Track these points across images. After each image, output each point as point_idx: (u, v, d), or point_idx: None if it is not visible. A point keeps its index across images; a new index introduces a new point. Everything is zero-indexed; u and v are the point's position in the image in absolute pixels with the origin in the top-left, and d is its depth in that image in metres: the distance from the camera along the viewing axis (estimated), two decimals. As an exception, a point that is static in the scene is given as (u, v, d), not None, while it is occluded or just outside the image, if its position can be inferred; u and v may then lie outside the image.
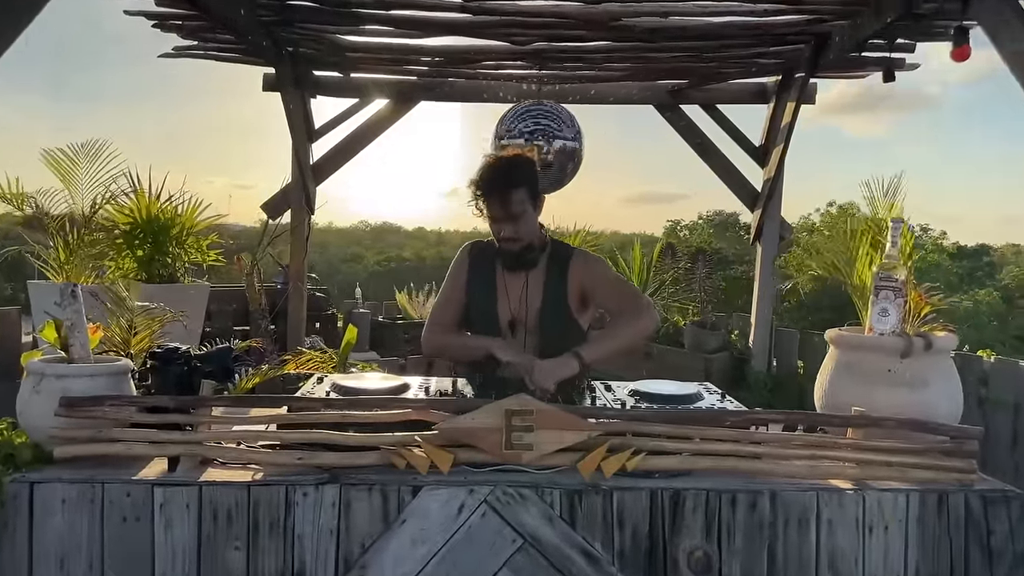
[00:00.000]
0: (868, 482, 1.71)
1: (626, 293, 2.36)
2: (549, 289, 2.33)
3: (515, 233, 2.28)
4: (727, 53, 3.56)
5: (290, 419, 1.71)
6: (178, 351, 1.70)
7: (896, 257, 2.00)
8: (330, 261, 31.35)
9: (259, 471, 1.63)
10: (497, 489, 1.60)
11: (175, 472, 1.63)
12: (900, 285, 1.97)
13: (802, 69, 3.53)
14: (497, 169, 2.29)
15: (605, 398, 2.01)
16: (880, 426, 1.76)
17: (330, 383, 2.01)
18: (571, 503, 1.61)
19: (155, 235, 3.81)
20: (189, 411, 1.67)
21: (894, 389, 1.89)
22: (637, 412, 1.79)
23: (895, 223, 2.02)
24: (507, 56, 3.66)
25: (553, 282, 2.34)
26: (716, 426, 1.74)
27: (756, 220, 4.16)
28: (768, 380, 4.02)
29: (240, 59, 3.75)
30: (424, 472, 1.61)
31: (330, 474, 1.60)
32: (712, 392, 2.15)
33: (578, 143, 3.55)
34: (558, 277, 2.34)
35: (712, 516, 1.64)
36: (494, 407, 1.64)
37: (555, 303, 2.33)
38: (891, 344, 1.91)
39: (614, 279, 2.39)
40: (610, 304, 2.35)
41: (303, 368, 3.01)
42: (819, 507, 1.66)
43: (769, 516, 1.65)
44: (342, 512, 1.58)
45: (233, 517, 1.57)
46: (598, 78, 3.97)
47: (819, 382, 2.08)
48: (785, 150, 3.86)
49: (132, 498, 1.56)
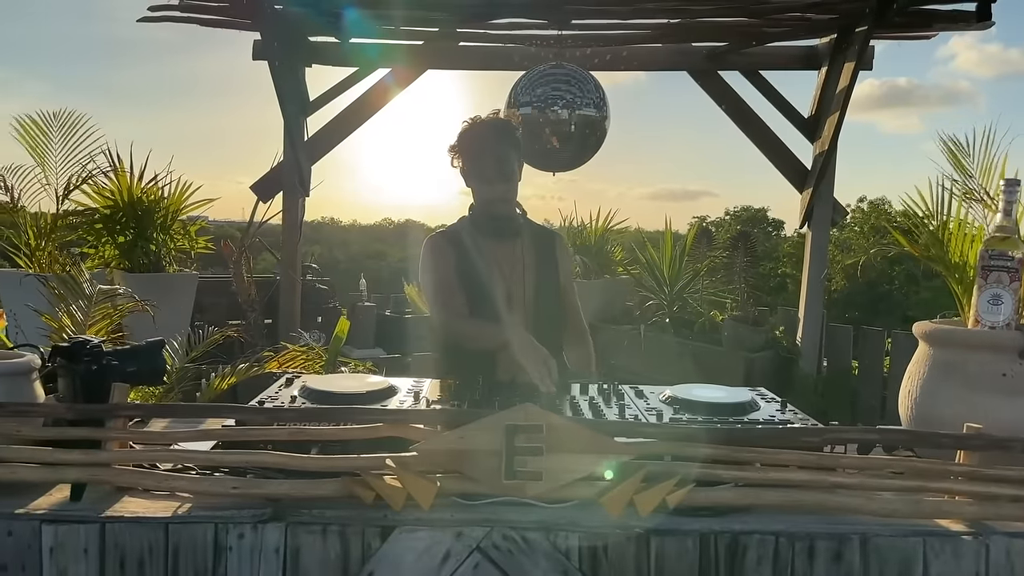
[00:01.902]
0: (990, 523, 1.29)
1: (580, 316, 2.45)
2: (542, 267, 2.35)
3: (507, 194, 2.29)
4: (774, 7, 3.10)
5: (231, 436, 1.33)
6: (87, 344, 1.33)
7: (1012, 230, 1.58)
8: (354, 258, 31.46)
9: (186, 503, 1.26)
10: (494, 532, 1.20)
11: (79, 502, 1.26)
12: (1017, 264, 1.57)
13: (863, 24, 3.06)
14: (488, 129, 2.29)
15: (636, 406, 1.60)
16: (1005, 448, 1.34)
17: (300, 386, 1.63)
18: (593, 552, 1.21)
19: (138, 220, 3.51)
20: (100, 423, 1.30)
21: (1013, 399, 1.49)
22: (681, 428, 1.38)
23: (1009, 185, 1.60)
24: (524, 11, 3.24)
25: (544, 261, 2.36)
26: (786, 448, 1.32)
27: (806, 201, 3.70)
28: (819, 383, 3.58)
29: (225, 21, 3.39)
30: (398, 508, 1.21)
31: (274, 509, 1.22)
32: (769, 400, 1.74)
33: (603, 113, 3.13)
34: (548, 257, 2.37)
35: (783, 569, 1.23)
36: (491, 421, 1.24)
37: (549, 282, 2.35)
38: (1006, 340, 1.51)
39: (575, 293, 2.47)
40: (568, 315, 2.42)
41: (288, 366, 2.66)
42: (926, 557, 1.25)
43: (859, 568, 1.24)
44: (289, 560, 1.20)
45: (146, 566, 1.20)
46: (626, 39, 3.53)
47: (906, 390, 1.67)
48: (841, 120, 3.39)
49: (14, 538, 1.19)
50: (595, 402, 1.63)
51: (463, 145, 2.29)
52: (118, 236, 3.50)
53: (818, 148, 3.60)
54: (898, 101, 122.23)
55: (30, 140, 3.21)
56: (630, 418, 1.50)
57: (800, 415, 1.64)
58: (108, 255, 3.53)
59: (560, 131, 3.06)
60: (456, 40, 3.66)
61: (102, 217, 3.48)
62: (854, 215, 28.51)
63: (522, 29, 3.48)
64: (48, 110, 3.20)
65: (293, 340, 3.15)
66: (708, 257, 4.07)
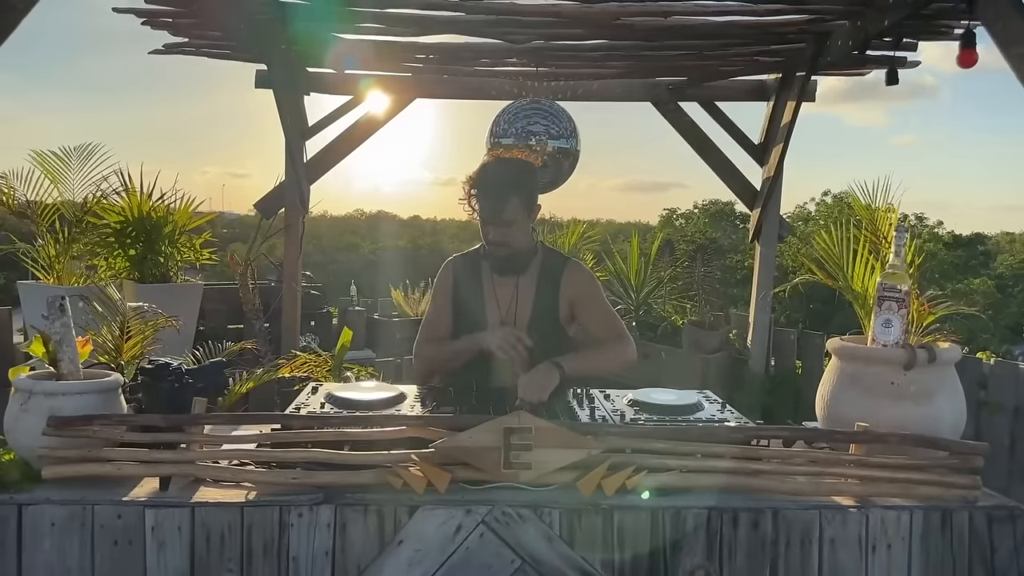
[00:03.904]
0: (872, 499, 1.68)
1: (613, 322, 2.35)
2: (540, 298, 2.33)
3: (503, 238, 2.26)
4: (727, 52, 3.51)
5: (285, 437, 1.67)
6: (169, 367, 1.67)
7: (900, 267, 1.96)
8: (325, 250, 31.21)
9: (252, 490, 1.60)
10: (495, 509, 1.57)
11: (167, 492, 1.60)
12: (904, 296, 1.94)
13: (803, 68, 3.49)
14: (497, 172, 2.25)
15: (604, 408, 1.98)
16: (884, 442, 1.74)
17: (325, 393, 1.98)
18: (570, 522, 1.58)
19: (147, 234, 3.77)
20: (182, 429, 1.63)
21: (898, 402, 1.86)
22: (639, 428, 1.76)
23: (899, 232, 1.99)
24: (504, 54, 3.61)
25: (544, 292, 2.33)
26: (718, 442, 1.71)
27: (755, 219, 4.12)
28: (766, 382, 4.00)
29: (232, 56, 3.69)
30: (421, 492, 1.58)
31: (325, 493, 1.57)
32: (712, 401, 2.12)
33: (574, 143, 3.51)
34: (550, 287, 2.33)
35: (713, 535, 1.62)
36: (492, 425, 1.61)
37: (546, 313, 2.32)
38: (894, 356, 1.88)
39: (603, 304, 2.38)
40: (594, 327, 2.34)
41: (298, 371, 2.98)
42: (822, 525, 1.64)
43: (771, 534, 1.63)
44: (337, 533, 1.55)
45: (226, 539, 1.54)
46: (596, 75, 3.92)
47: (821, 393, 2.05)
48: (785, 149, 3.82)
49: (123, 520, 1.53)
50: (570, 405, 2.00)
51: (475, 180, 2.26)
52: (129, 249, 3.76)
53: (765, 173, 4.01)
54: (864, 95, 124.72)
55: (50, 170, 3.46)
56: (599, 419, 1.88)
57: (736, 414, 2.00)
58: (119, 267, 3.79)
59: (537, 160, 3.43)
60: (443, 74, 4.01)
61: (114, 232, 3.73)
62: (819, 208, 29.30)
63: (503, 65, 3.84)
64: (70, 145, 3.47)
65: (297, 346, 3.45)
66: (670, 266, 4.47)
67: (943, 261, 24.38)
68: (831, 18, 3.10)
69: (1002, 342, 17.27)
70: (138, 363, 1.83)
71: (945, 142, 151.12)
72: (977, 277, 24.35)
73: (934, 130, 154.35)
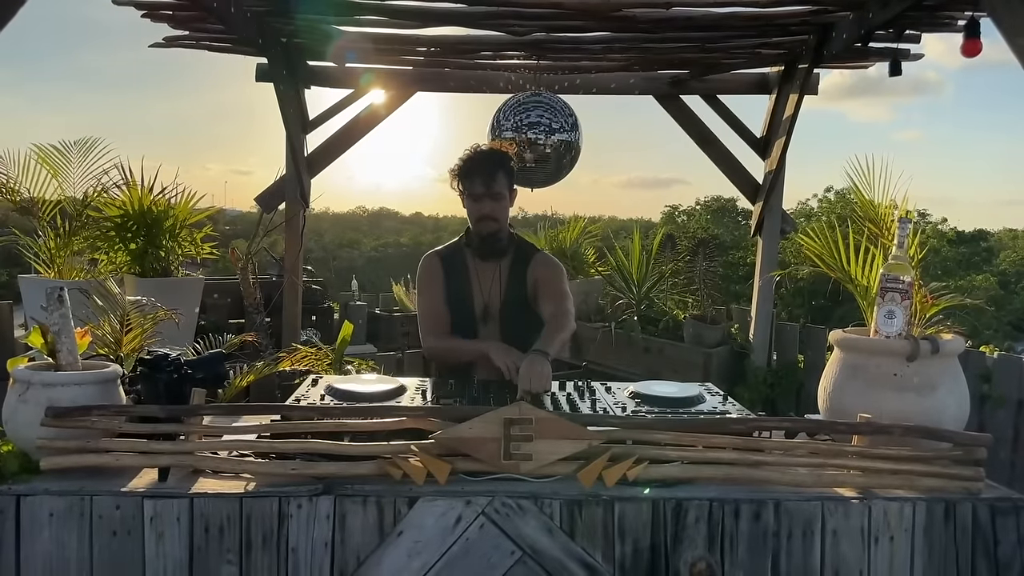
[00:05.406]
0: (874, 491, 1.67)
1: (564, 306, 2.49)
2: (513, 282, 2.59)
3: (494, 212, 2.52)
4: (729, 44, 3.48)
5: (284, 428, 1.67)
6: (168, 358, 1.66)
7: (903, 258, 1.95)
8: (327, 247, 31.25)
9: (251, 481, 1.60)
10: (495, 500, 1.56)
11: (166, 483, 1.59)
12: (907, 287, 1.93)
13: (805, 60, 3.46)
14: (481, 153, 2.56)
15: (605, 401, 1.97)
16: (887, 433, 1.73)
17: (325, 385, 1.97)
18: (571, 514, 1.58)
19: (148, 228, 3.76)
20: (180, 420, 1.63)
21: (901, 394, 1.85)
22: (639, 420, 1.75)
23: (902, 224, 1.98)
24: (505, 47, 3.59)
25: (516, 277, 2.60)
26: (720, 433, 1.70)
27: (757, 213, 4.10)
28: (768, 375, 3.98)
29: (232, 49, 3.67)
30: (421, 482, 1.57)
31: (324, 484, 1.57)
32: (714, 393, 2.11)
33: (575, 136, 3.49)
34: (521, 272, 2.60)
35: (715, 526, 1.61)
36: (492, 416, 1.60)
37: (518, 296, 2.58)
38: (897, 347, 1.86)
39: (561, 291, 2.55)
40: (548, 307, 2.48)
41: (299, 365, 2.97)
42: (824, 517, 1.63)
43: (773, 526, 1.62)
44: (337, 524, 1.55)
45: (225, 530, 1.54)
46: (598, 68, 3.89)
47: (823, 385, 2.04)
48: (787, 143, 3.79)
49: (122, 511, 1.52)
50: (571, 397, 2.00)
51: (460, 168, 2.54)
52: (130, 243, 3.75)
53: (768, 167, 3.99)
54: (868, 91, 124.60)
55: (51, 164, 3.45)
56: (600, 411, 1.87)
57: (737, 407, 2.00)
58: (120, 261, 3.78)
59: (539, 153, 3.41)
60: (444, 67, 3.99)
61: (115, 226, 3.73)
62: (821, 205, 29.25)
63: (504, 58, 3.82)
64: (70, 139, 3.46)
65: (297, 340, 3.44)
66: (672, 261, 4.45)
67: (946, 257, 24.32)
68: (834, 9, 3.07)
69: (1004, 338, 17.25)
70: (137, 355, 1.82)
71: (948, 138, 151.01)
72: (980, 273, 24.27)
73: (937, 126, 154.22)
